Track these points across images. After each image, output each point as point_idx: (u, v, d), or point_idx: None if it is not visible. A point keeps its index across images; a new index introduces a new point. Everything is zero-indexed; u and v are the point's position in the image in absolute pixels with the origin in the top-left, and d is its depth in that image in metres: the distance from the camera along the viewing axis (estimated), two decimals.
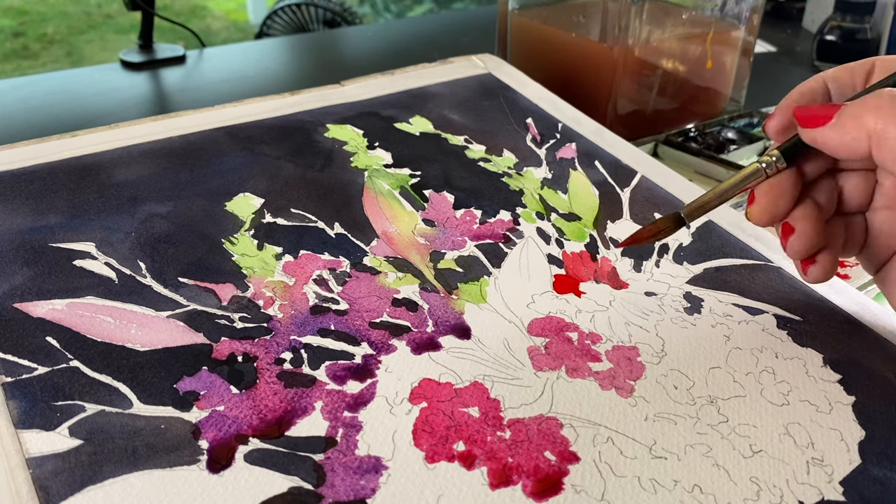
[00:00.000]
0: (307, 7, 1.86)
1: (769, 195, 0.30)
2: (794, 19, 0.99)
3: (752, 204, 0.30)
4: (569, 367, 0.30)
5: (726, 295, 0.35)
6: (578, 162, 0.43)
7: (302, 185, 0.38)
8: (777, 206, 0.30)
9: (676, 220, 0.31)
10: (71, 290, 0.30)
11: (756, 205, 0.30)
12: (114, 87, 0.75)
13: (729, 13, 0.61)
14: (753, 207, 0.30)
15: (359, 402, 0.27)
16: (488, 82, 0.50)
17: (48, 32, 2.97)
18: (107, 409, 0.26)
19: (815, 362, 0.31)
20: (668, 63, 0.59)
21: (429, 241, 0.36)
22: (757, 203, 0.30)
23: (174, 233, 0.34)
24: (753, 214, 0.30)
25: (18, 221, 0.33)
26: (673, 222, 0.31)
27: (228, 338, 0.29)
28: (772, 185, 0.30)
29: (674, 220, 0.31)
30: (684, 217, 0.31)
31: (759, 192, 0.30)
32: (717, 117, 0.62)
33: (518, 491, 0.25)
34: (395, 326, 0.31)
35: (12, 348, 0.27)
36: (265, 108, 0.44)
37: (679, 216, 0.31)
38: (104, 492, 0.23)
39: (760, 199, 0.30)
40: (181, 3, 3.26)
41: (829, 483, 0.26)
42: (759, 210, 0.30)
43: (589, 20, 0.59)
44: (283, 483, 0.24)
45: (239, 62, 0.85)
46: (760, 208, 0.30)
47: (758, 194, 0.30)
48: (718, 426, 0.28)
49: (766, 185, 0.30)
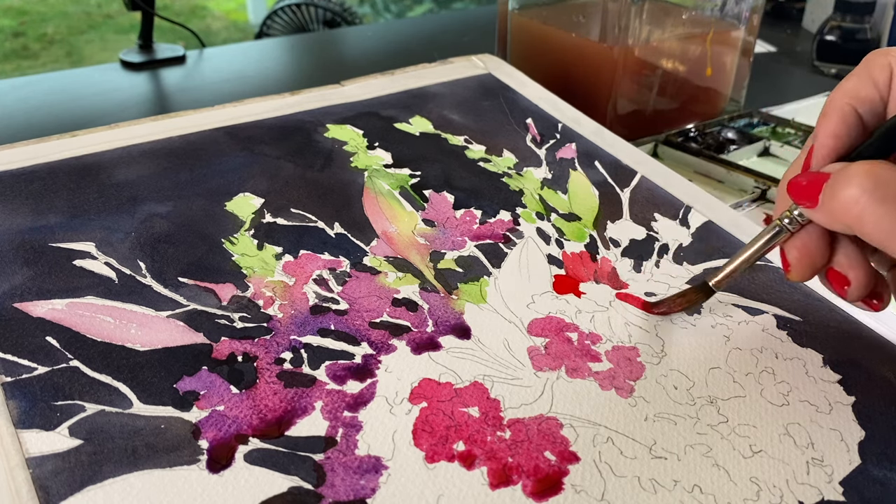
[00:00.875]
0: (307, 7, 1.86)
1: (800, 253, 0.28)
2: (794, 19, 0.99)
3: (788, 269, 0.29)
4: (569, 368, 0.30)
5: (726, 295, 0.35)
6: (578, 162, 0.43)
7: (302, 185, 0.38)
8: (814, 261, 0.28)
9: (705, 290, 0.32)
10: (71, 289, 0.30)
11: (793, 268, 0.29)
12: (114, 87, 0.75)
13: (729, 13, 0.61)
14: (792, 272, 0.29)
15: (359, 402, 0.27)
16: (488, 82, 0.50)
17: (48, 32, 2.97)
18: (107, 408, 0.26)
19: (815, 362, 0.31)
20: (668, 63, 0.59)
21: (429, 241, 0.36)
22: (793, 267, 0.29)
23: (174, 233, 0.34)
24: (794, 277, 0.29)
25: (18, 221, 0.33)
26: (702, 292, 0.32)
27: (228, 338, 0.29)
28: (800, 244, 0.28)
29: (703, 290, 0.32)
30: (713, 287, 0.32)
31: (791, 256, 0.28)
32: (717, 117, 0.62)
33: (518, 491, 0.25)
34: (395, 326, 0.31)
35: (12, 348, 0.27)
36: (265, 108, 0.44)
37: (707, 286, 0.32)
38: (104, 492, 0.23)
39: (795, 263, 0.28)
40: (181, 3, 3.26)
41: (829, 483, 0.26)
42: (798, 272, 0.28)
43: (589, 20, 0.59)
44: (283, 483, 0.24)
45: (239, 62, 0.85)
46: (798, 269, 0.28)
47: (790, 258, 0.28)
48: (718, 426, 0.28)
49: (794, 247, 0.28)
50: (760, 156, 0.59)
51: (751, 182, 0.52)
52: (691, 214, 0.40)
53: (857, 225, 0.25)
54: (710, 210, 0.40)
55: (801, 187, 0.27)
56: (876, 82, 0.28)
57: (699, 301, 0.33)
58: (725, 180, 0.54)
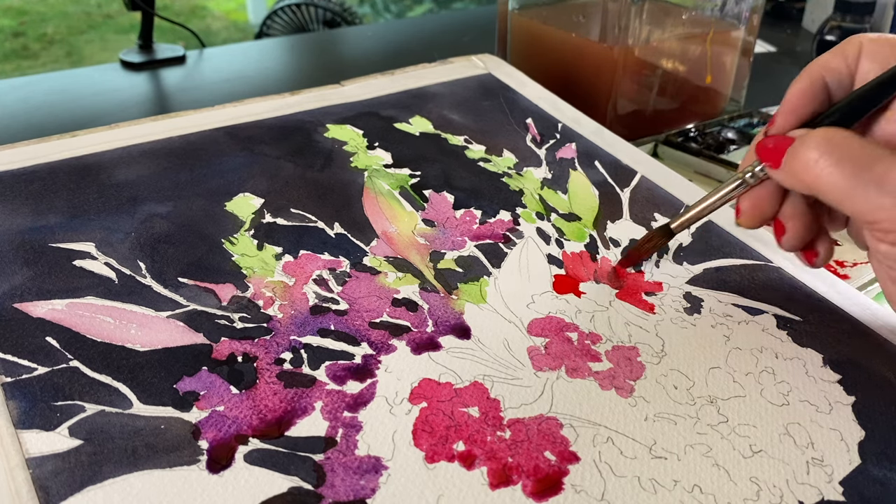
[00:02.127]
0: (307, 7, 1.86)
1: (753, 204, 0.31)
2: (794, 19, 0.99)
3: (739, 214, 0.32)
4: (569, 367, 0.30)
5: (726, 295, 0.35)
6: (578, 162, 0.43)
7: (302, 185, 0.38)
8: (763, 212, 0.31)
9: (666, 232, 0.34)
10: (71, 290, 0.30)
11: (743, 215, 0.31)
12: (114, 87, 0.75)
13: (729, 13, 0.61)
14: (741, 218, 0.32)
15: (359, 402, 0.27)
16: (488, 82, 0.50)
17: (48, 32, 2.97)
18: (107, 409, 0.26)
19: (815, 362, 0.31)
20: (668, 63, 0.59)
21: (429, 241, 0.36)
22: (743, 214, 0.31)
23: (174, 233, 0.34)
24: (742, 223, 0.32)
25: (18, 221, 0.33)
26: (663, 234, 0.34)
27: (228, 338, 0.29)
28: (754, 196, 0.31)
29: (664, 232, 0.34)
30: (673, 229, 0.34)
31: (743, 203, 0.31)
32: (717, 117, 0.62)
33: (518, 491, 0.25)
34: (395, 326, 0.31)
35: (12, 348, 0.27)
36: (265, 108, 0.44)
37: (668, 228, 0.34)
38: (104, 492, 0.23)
39: (746, 209, 0.31)
40: (181, 3, 3.26)
41: (829, 483, 0.26)
42: (747, 219, 0.31)
43: (589, 20, 0.59)
44: (282, 483, 0.24)
45: (239, 62, 0.85)
46: (747, 217, 0.31)
47: (742, 205, 0.31)
48: (718, 426, 0.28)
49: (747, 197, 0.31)
50: None
51: (750, 182, 0.52)
52: None
53: (814, 185, 0.27)
54: None
55: (768, 149, 0.29)
56: (846, 57, 0.31)
57: (661, 244, 0.34)
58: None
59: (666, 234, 0.34)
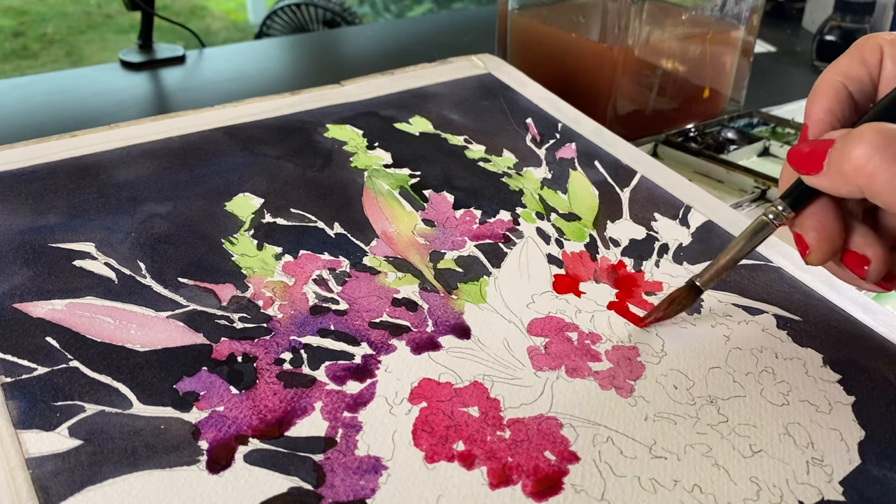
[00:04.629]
0: (307, 7, 1.86)
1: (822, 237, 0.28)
2: (794, 19, 0.99)
3: (806, 251, 0.28)
4: (568, 367, 0.30)
5: (726, 295, 0.35)
6: (578, 162, 0.43)
7: (302, 185, 0.38)
8: (833, 242, 0.28)
9: (693, 289, 0.32)
10: (71, 290, 0.30)
11: (813, 251, 0.28)
12: (114, 87, 0.75)
13: (729, 13, 0.61)
14: (811, 254, 0.28)
15: (358, 403, 0.27)
16: (488, 82, 0.50)
17: (48, 32, 2.97)
18: (106, 409, 0.26)
19: (815, 362, 0.31)
20: (668, 63, 0.59)
21: (428, 241, 0.36)
22: (813, 249, 0.28)
23: (174, 233, 0.34)
24: (813, 259, 0.28)
25: (18, 221, 0.33)
26: (691, 293, 0.32)
27: (228, 338, 0.29)
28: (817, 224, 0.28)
29: (691, 290, 0.32)
30: (700, 286, 0.31)
31: (809, 238, 0.28)
32: (717, 117, 0.62)
33: (518, 491, 0.25)
34: (395, 326, 0.31)
35: (12, 348, 0.27)
36: (265, 108, 0.44)
37: (695, 286, 0.31)
38: (104, 492, 0.23)
39: (815, 243, 0.28)
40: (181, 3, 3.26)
41: (829, 483, 0.26)
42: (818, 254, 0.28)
43: (589, 20, 0.59)
44: (282, 483, 0.24)
45: (239, 62, 0.85)
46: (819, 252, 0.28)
47: (809, 240, 0.28)
48: (718, 426, 0.28)
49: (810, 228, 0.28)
50: (760, 156, 0.59)
51: (751, 182, 0.52)
52: (691, 214, 0.40)
53: (868, 185, 0.24)
54: (710, 210, 0.40)
55: (803, 155, 0.27)
56: (866, 63, 0.28)
57: (689, 303, 0.32)
58: (725, 180, 0.54)
59: (693, 293, 0.32)
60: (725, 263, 0.30)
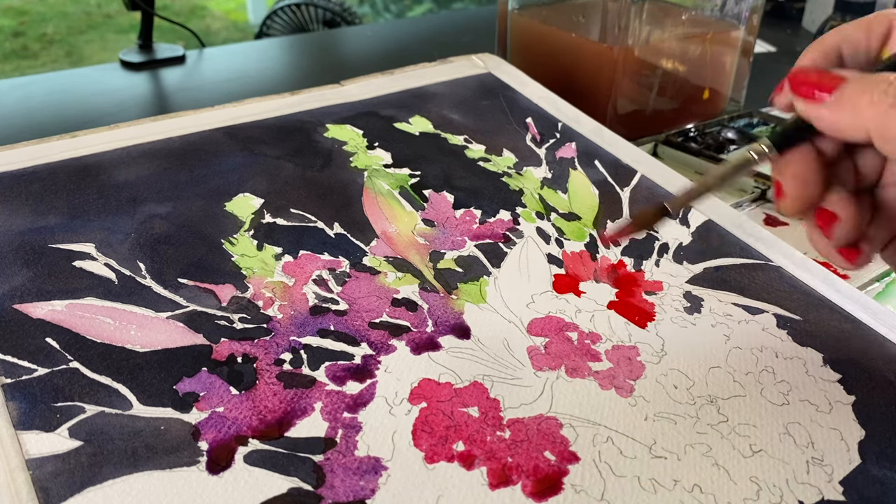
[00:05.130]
0: (307, 7, 1.86)
1: (798, 183, 0.27)
2: (794, 19, 0.99)
3: (781, 196, 0.27)
4: (568, 367, 0.30)
5: (726, 294, 0.35)
6: (578, 161, 0.43)
7: (302, 185, 0.38)
8: (809, 191, 0.27)
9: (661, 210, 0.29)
10: (71, 291, 0.30)
11: (787, 197, 0.27)
12: (114, 87, 0.75)
13: (729, 13, 0.61)
14: (785, 200, 0.27)
15: (358, 403, 0.27)
16: (488, 82, 0.50)
17: (48, 32, 2.97)
18: (106, 410, 0.26)
19: (815, 362, 0.31)
20: (668, 63, 0.59)
21: (428, 241, 0.36)
22: (788, 194, 0.27)
23: (174, 233, 0.34)
24: (787, 206, 0.27)
25: (18, 222, 0.33)
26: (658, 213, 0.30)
27: (228, 339, 0.29)
28: (796, 170, 0.27)
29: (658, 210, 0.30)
30: (669, 208, 0.29)
31: (787, 183, 0.27)
32: (717, 117, 0.62)
33: (518, 491, 0.25)
34: (395, 326, 0.31)
35: (12, 349, 0.27)
36: (265, 108, 0.44)
37: (664, 207, 0.29)
38: (104, 493, 0.23)
39: (791, 189, 0.27)
40: (181, 3, 3.26)
41: (829, 483, 0.26)
42: (792, 201, 0.27)
43: (589, 20, 0.59)
44: (282, 484, 0.24)
45: (239, 62, 0.85)
46: (793, 199, 0.27)
47: (785, 184, 0.27)
48: (718, 426, 0.28)
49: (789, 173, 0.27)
50: None
51: (751, 182, 0.52)
52: (691, 213, 0.40)
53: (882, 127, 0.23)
54: (710, 209, 0.40)
55: (810, 80, 0.26)
56: (871, 30, 0.28)
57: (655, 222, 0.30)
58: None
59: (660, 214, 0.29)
60: (698, 188, 0.29)
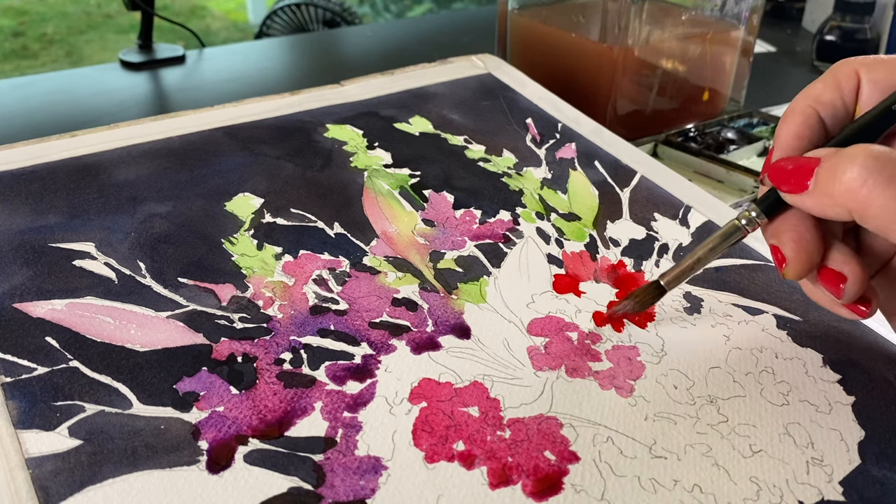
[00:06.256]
0: (307, 7, 1.86)
1: (800, 249, 0.27)
2: (794, 19, 0.99)
3: (785, 264, 0.27)
4: (568, 367, 0.30)
5: (726, 295, 0.35)
6: (578, 162, 0.43)
7: (302, 185, 0.38)
8: (811, 256, 0.27)
9: (657, 288, 0.31)
10: (70, 290, 0.30)
11: (790, 263, 0.27)
12: (113, 87, 0.75)
13: (729, 13, 0.61)
14: (788, 267, 0.27)
15: (358, 403, 0.27)
16: (488, 82, 0.50)
17: (48, 32, 2.97)
18: (106, 409, 0.26)
19: (814, 362, 0.31)
20: (668, 63, 0.59)
21: (428, 241, 0.36)
22: (791, 262, 0.27)
23: (174, 233, 0.34)
24: (792, 271, 0.27)
25: (18, 221, 0.33)
26: (653, 290, 0.31)
27: (228, 338, 0.29)
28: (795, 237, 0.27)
29: (654, 288, 0.31)
30: (664, 285, 0.31)
31: (787, 250, 0.27)
32: (717, 117, 0.62)
33: (518, 491, 0.25)
34: (395, 326, 0.31)
35: (12, 348, 0.27)
36: (265, 108, 0.44)
37: (659, 285, 0.31)
38: (104, 492, 0.23)
39: (793, 256, 0.27)
40: (181, 3, 3.26)
41: (829, 483, 0.26)
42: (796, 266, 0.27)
43: (589, 20, 0.59)
44: (282, 483, 0.24)
45: (239, 62, 0.85)
46: (797, 265, 0.27)
47: (787, 252, 0.27)
48: (718, 426, 0.28)
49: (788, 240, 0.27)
50: (760, 156, 0.59)
51: (750, 182, 0.52)
52: (691, 214, 0.40)
53: (860, 208, 0.24)
54: (709, 210, 0.40)
55: (787, 172, 0.26)
56: (840, 88, 0.28)
57: (651, 301, 0.32)
58: (725, 180, 0.54)
59: (657, 292, 0.31)
60: (691, 264, 0.30)
